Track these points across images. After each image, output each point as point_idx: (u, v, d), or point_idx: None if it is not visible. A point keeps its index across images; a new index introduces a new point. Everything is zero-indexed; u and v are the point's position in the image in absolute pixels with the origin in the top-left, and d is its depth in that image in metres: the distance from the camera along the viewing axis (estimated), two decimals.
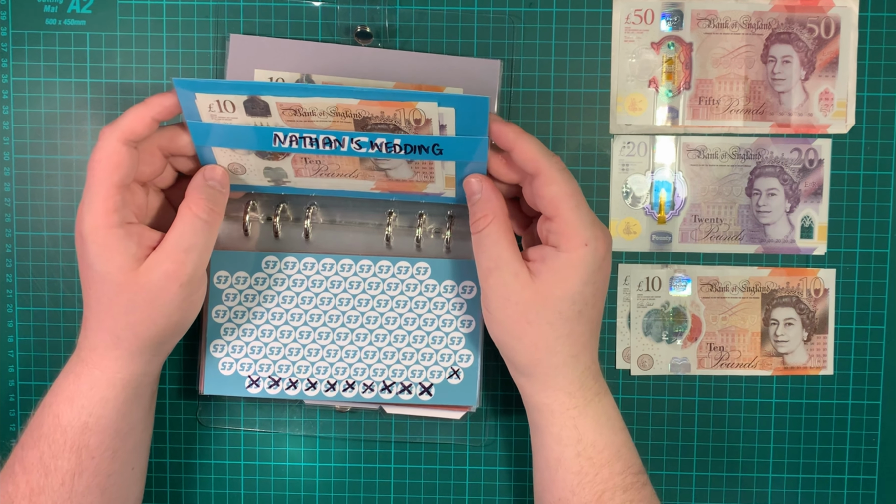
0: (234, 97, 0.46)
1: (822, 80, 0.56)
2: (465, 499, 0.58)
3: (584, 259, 0.47)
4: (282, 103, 0.46)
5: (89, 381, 0.48)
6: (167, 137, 0.48)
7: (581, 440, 0.49)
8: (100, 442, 0.48)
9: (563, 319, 0.47)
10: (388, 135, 0.47)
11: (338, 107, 0.46)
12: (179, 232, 0.47)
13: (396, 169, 0.50)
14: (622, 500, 0.48)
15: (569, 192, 0.47)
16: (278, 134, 0.47)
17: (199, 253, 0.48)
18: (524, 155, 0.47)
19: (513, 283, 0.47)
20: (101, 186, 0.45)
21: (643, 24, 0.56)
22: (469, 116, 0.46)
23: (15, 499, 0.48)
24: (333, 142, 0.48)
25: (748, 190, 0.57)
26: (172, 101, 0.46)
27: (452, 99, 0.45)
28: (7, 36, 0.56)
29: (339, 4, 0.55)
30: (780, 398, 0.58)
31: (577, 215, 0.47)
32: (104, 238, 0.46)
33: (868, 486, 0.58)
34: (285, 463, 0.58)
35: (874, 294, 0.57)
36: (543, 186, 0.47)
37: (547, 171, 0.47)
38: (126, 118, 0.46)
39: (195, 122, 0.47)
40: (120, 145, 0.45)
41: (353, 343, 0.55)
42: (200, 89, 0.46)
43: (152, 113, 0.46)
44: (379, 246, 0.55)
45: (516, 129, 0.47)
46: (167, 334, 0.49)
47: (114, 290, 0.47)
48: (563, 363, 0.48)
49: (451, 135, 0.47)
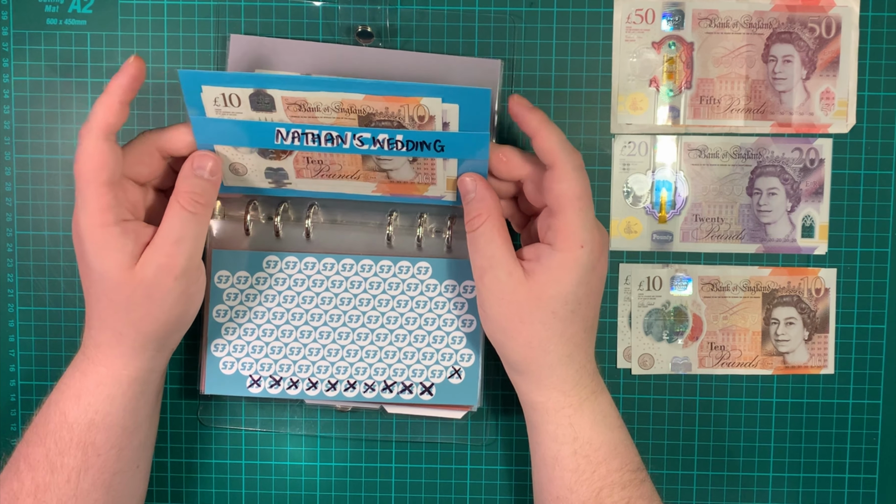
0: (240, 91, 0.46)
1: (823, 79, 0.56)
2: (466, 498, 0.58)
3: (579, 260, 0.47)
4: (287, 97, 0.46)
5: (95, 379, 0.48)
6: (166, 139, 0.48)
7: (577, 438, 0.49)
8: (106, 439, 0.48)
9: (557, 319, 0.47)
10: (391, 130, 0.47)
11: (342, 103, 0.46)
12: (169, 225, 0.47)
13: (398, 170, 0.50)
14: (620, 496, 0.48)
15: (578, 193, 0.47)
16: (281, 130, 0.47)
17: (191, 244, 0.47)
18: (544, 144, 0.47)
19: (507, 281, 0.47)
20: (90, 187, 0.45)
21: (644, 24, 0.56)
22: (472, 111, 0.46)
23: (20, 496, 0.48)
24: (336, 137, 0.48)
25: (749, 189, 0.57)
26: (128, 79, 0.46)
27: (455, 92, 0.45)
28: (8, 35, 0.56)
29: (340, 4, 0.55)
30: (780, 398, 0.58)
31: (579, 217, 0.47)
32: (101, 237, 0.46)
33: (868, 486, 0.58)
34: (286, 462, 0.58)
35: (875, 293, 0.57)
36: (555, 181, 0.47)
37: (562, 167, 0.47)
38: (96, 113, 0.46)
39: (198, 118, 0.47)
40: (100, 143, 0.45)
41: (355, 342, 0.55)
42: (207, 82, 0.46)
43: (117, 98, 0.46)
44: (380, 245, 0.55)
45: (542, 116, 0.47)
46: (169, 329, 0.49)
47: (113, 287, 0.47)
48: (557, 362, 0.48)
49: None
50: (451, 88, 0.45)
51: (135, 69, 0.46)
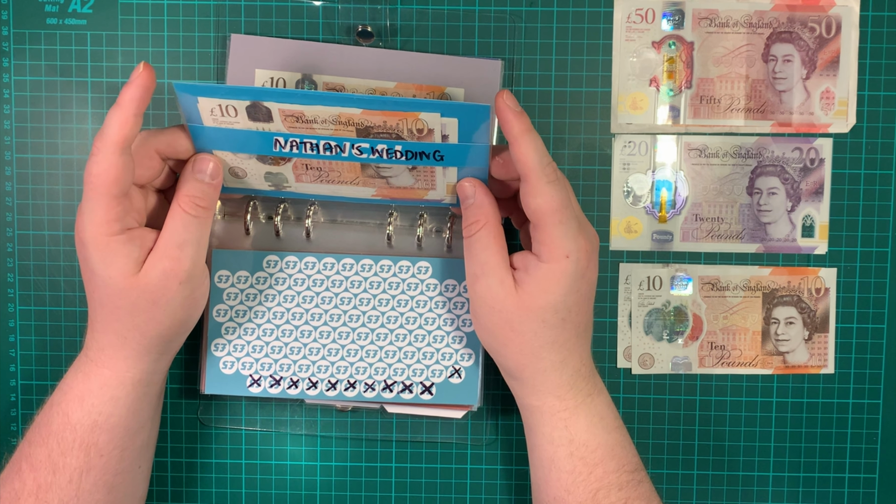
0: (236, 102, 0.45)
1: (823, 79, 0.56)
2: (466, 498, 0.58)
3: (566, 271, 0.46)
4: (284, 110, 0.46)
5: (99, 381, 0.48)
6: (165, 142, 0.48)
7: (573, 441, 0.49)
8: (109, 440, 0.48)
9: (547, 327, 0.47)
10: (390, 141, 0.47)
11: (340, 115, 0.45)
12: (171, 229, 0.47)
13: (398, 177, 0.50)
14: (617, 498, 0.48)
15: (554, 206, 0.46)
16: (279, 138, 0.47)
17: (194, 247, 0.47)
18: (520, 155, 0.46)
19: (498, 290, 0.47)
20: (102, 199, 0.45)
21: (644, 24, 0.56)
22: (471, 124, 0.46)
23: (21, 495, 0.48)
24: (334, 147, 0.47)
25: (749, 189, 0.57)
26: (140, 91, 0.45)
27: (454, 108, 0.45)
28: (8, 35, 0.56)
29: (341, 4, 0.55)
30: (780, 397, 0.58)
31: (560, 230, 0.46)
32: (106, 245, 0.46)
33: (868, 486, 0.58)
34: (286, 462, 0.58)
35: (875, 293, 0.57)
36: (529, 196, 0.46)
37: (535, 181, 0.46)
38: (112, 126, 0.44)
39: (196, 126, 0.47)
40: (116, 157, 0.45)
41: (355, 342, 0.55)
42: (202, 94, 0.45)
43: (132, 112, 0.45)
44: (380, 245, 0.55)
45: (525, 124, 0.46)
46: (173, 333, 0.49)
47: (117, 293, 0.47)
48: (550, 368, 0.48)
49: (453, 143, 0.47)
50: (449, 105, 0.45)
51: (145, 79, 0.45)
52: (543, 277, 0.47)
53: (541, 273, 0.47)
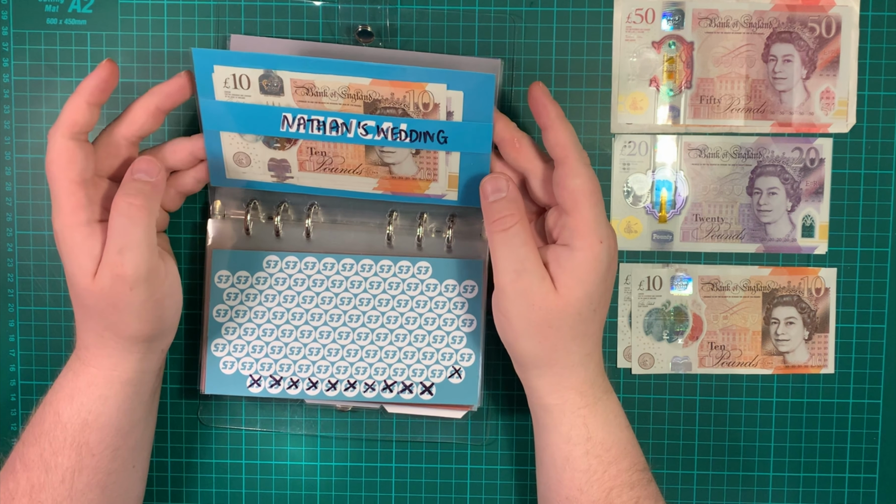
0: (250, 72, 0.47)
1: (823, 79, 0.56)
2: (466, 498, 0.58)
3: (599, 257, 0.47)
4: (296, 80, 0.47)
5: (87, 379, 0.48)
6: (126, 125, 0.48)
7: (590, 438, 0.49)
8: (100, 439, 0.48)
9: (581, 320, 0.47)
10: (395, 118, 0.48)
11: (349, 87, 0.47)
12: (111, 235, 0.46)
13: (401, 164, 0.50)
14: (629, 496, 0.48)
15: (592, 188, 0.47)
16: (287, 115, 0.48)
17: (136, 251, 0.45)
18: (557, 138, 0.47)
19: (539, 287, 0.47)
20: (60, 185, 0.45)
21: (644, 23, 0.56)
22: (476, 99, 0.47)
23: (15, 496, 0.48)
24: (341, 125, 0.48)
25: (749, 189, 0.57)
26: (96, 80, 0.46)
27: (460, 77, 0.47)
28: (8, 35, 0.56)
29: (340, 4, 0.55)
30: (780, 397, 0.58)
31: (594, 213, 0.47)
32: (70, 238, 0.46)
33: (868, 486, 0.58)
34: (286, 462, 0.58)
35: (875, 293, 0.57)
36: (567, 177, 0.47)
37: (574, 163, 0.47)
38: (64, 113, 0.46)
39: (207, 101, 0.48)
40: (66, 141, 0.45)
41: (355, 342, 0.55)
42: (219, 61, 0.47)
43: (84, 99, 0.46)
44: (380, 245, 0.55)
45: (559, 110, 0.48)
46: (149, 334, 0.48)
47: (82, 293, 0.47)
48: (578, 362, 0.48)
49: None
50: (456, 73, 0.47)
51: (105, 72, 0.46)
52: (578, 267, 0.47)
53: (575, 262, 0.47)
